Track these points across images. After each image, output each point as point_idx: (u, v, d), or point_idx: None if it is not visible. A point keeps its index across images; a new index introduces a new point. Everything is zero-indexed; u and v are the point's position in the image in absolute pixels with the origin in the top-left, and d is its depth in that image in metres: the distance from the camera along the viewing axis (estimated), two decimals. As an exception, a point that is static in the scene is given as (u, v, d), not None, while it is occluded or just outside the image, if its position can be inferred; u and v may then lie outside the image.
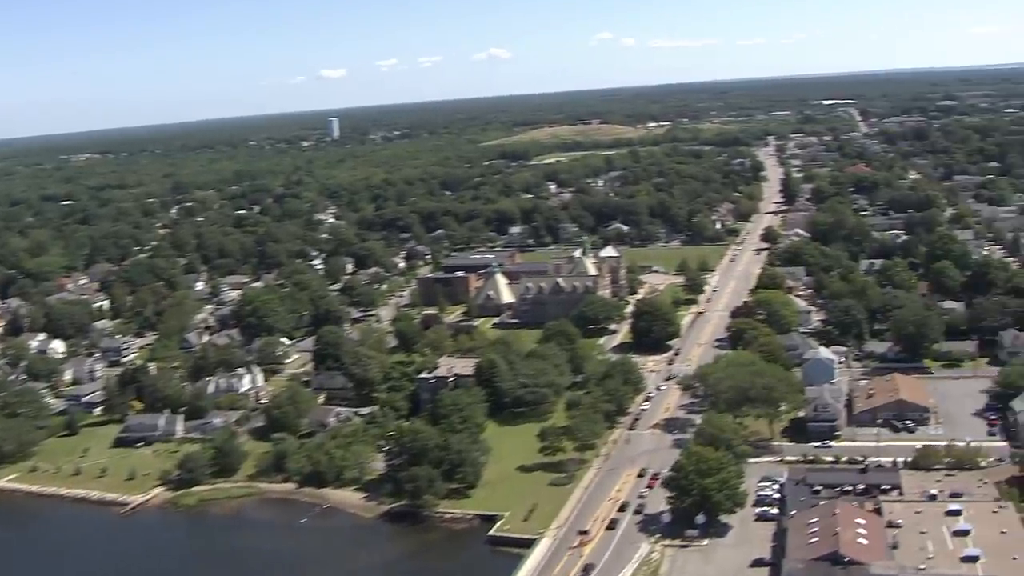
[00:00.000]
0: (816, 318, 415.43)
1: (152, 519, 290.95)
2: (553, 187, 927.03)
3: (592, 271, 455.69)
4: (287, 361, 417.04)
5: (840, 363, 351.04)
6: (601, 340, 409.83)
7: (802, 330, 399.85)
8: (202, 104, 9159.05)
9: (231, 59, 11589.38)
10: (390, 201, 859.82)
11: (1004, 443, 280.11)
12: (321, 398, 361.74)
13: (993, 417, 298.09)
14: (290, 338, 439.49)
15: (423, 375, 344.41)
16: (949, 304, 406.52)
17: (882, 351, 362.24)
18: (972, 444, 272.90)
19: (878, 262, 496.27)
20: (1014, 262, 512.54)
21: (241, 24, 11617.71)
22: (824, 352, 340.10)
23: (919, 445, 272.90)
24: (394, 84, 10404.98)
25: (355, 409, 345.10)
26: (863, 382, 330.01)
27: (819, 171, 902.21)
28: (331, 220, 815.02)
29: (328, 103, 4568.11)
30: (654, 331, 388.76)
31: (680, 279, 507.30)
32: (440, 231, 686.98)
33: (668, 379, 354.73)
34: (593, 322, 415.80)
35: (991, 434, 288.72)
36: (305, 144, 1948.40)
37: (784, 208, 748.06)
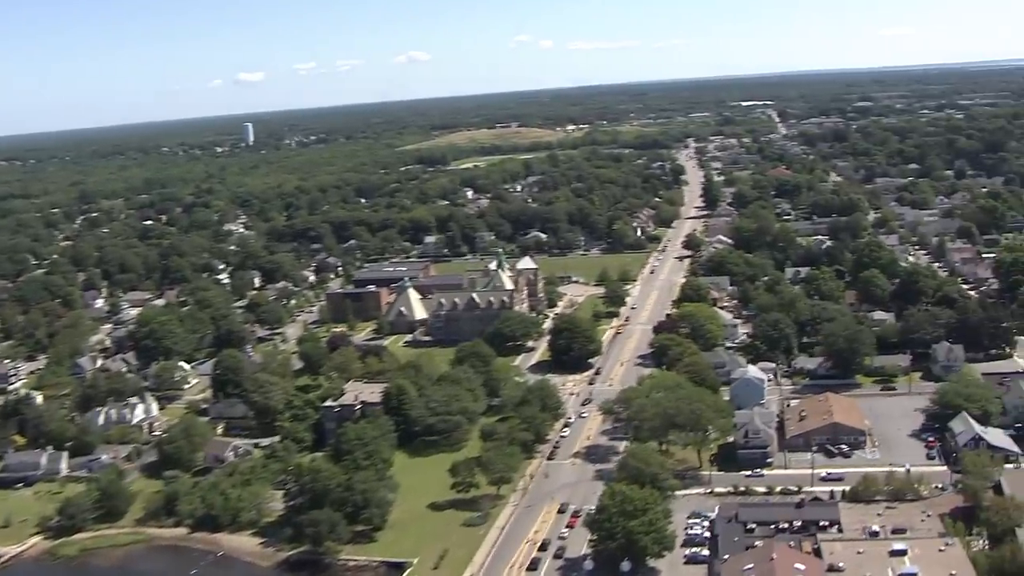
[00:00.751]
0: (743, 331, 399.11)
1: (27, 574, 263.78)
2: (470, 193, 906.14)
3: (508, 285, 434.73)
4: (186, 387, 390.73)
5: (769, 380, 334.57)
6: (518, 358, 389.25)
7: (728, 344, 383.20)
8: (117, 108, 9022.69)
9: (148, 62, 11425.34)
10: (302, 210, 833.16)
11: (944, 468, 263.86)
12: (220, 428, 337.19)
13: (931, 439, 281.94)
14: (190, 361, 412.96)
15: (328, 403, 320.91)
16: (879, 315, 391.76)
17: (812, 367, 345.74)
18: (912, 471, 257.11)
19: (804, 270, 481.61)
20: (941, 268, 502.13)
21: (159, 27, 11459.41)
22: (753, 371, 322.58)
23: (856, 472, 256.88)
24: (313, 88, 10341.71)
25: (256, 440, 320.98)
26: (794, 402, 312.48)
27: (740, 174, 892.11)
28: (241, 230, 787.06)
29: (246, 107, 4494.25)
30: (574, 349, 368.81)
31: (600, 290, 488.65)
32: (352, 242, 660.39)
33: (586, 403, 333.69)
34: (510, 339, 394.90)
35: (930, 458, 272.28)
36: (220, 150, 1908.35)
37: (706, 213, 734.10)
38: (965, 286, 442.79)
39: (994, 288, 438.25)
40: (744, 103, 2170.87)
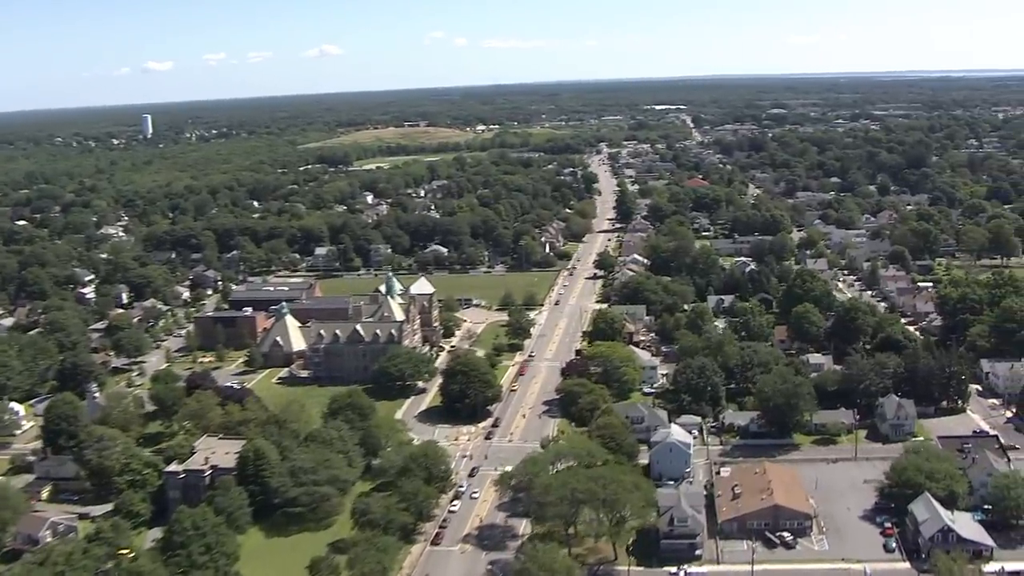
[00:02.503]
0: (662, 371, 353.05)
1: None
2: (370, 198, 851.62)
3: (398, 315, 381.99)
4: (18, 432, 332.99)
5: (694, 437, 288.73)
6: (407, 403, 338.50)
7: (647, 390, 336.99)
8: (17, 94, 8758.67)
9: (54, 47, 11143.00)
10: (188, 214, 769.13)
11: (905, 564, 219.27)
12: (46, 492, 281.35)
13: (888, 525, 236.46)
14: (29, 398, 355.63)
15: (172, 468, 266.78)
16: (815, 358, 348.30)
17: (743, 423, 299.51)
18: (869, 572, 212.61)
19: (727, 298, 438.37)
20: (874, 297, 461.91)
21: (66, 10, 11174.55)
22: (677, 432, 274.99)
23: (803, 570, 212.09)
24: (222, 79, 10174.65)
25: (87, 510, 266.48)
26: (726, 472, 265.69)
27: (656, 184, 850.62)
28: (121, 235, 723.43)
29: (153, 97, 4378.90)
30: (469, 395, 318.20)
31: (503, 316, 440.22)
32: (235, 252, 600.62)
33: (472, 474, 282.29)
34: (398, 379, 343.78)
35: (888, 549, 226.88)
36: (116, 142, 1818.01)
37: (619, 227, 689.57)
38: (904, 320, 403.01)
39: (936, 324, 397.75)
40: (657, 107, 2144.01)
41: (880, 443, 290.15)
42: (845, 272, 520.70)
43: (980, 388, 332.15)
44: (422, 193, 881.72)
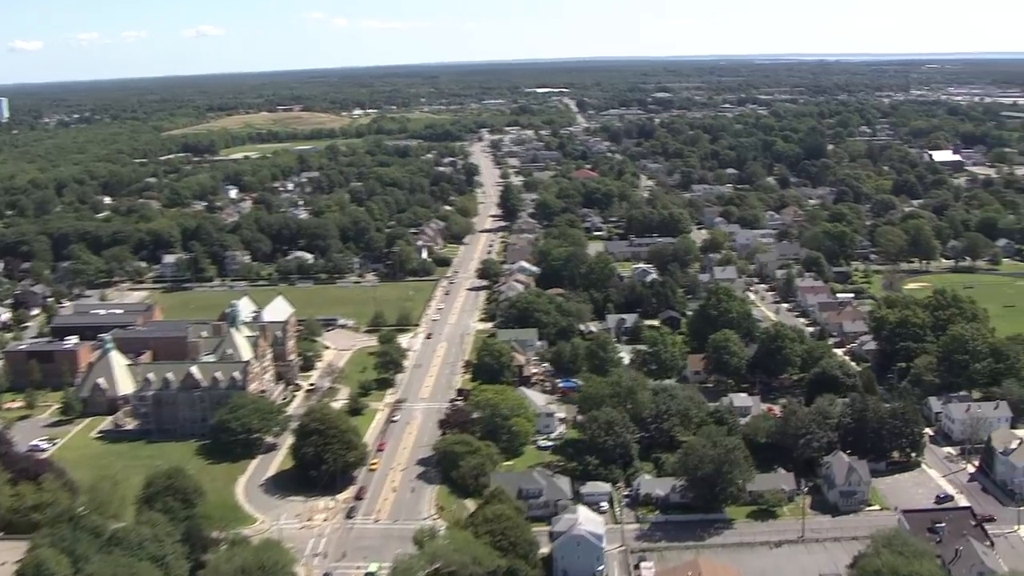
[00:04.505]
0: (560, 414, 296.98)
1: None
2: (233, 192, 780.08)
3: (244, 352, 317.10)
4: None
5: (603, 512, 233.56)
6: (252, 464, 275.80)
7: (543, 443, 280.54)
8: None
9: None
10: (28, 213, 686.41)
11: None
12: None
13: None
14: None
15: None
16: (740, 400, 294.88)
17: (664, 492, 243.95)
18: None
19: (629, 317, 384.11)
20: (791, 311, 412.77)
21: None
22: (586, 519, 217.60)
23: None
24: (96, 59, 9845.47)
25: None
26: (648, 568, 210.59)
27: (542, 176, 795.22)
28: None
29: (22, 77, 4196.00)
30: (327, 460, 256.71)
31: (373, 340, 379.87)
32: (70, 262, 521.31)
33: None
34: (242, 434, 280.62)
35: None
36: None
37: (504, 225, 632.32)
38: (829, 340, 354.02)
39: (868, 349, 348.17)
40: (540, 90, 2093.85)
41: (829, 515, 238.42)
42: (756, 280, 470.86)
43: (931, 433, 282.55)
44: (290, 187, 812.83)
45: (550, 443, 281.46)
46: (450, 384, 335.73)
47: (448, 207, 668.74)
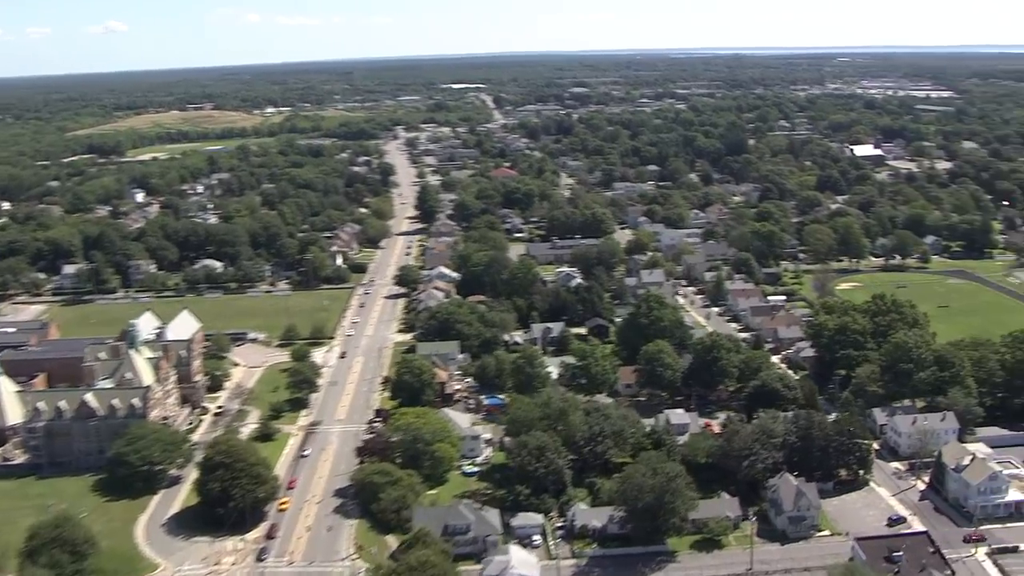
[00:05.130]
0: (486, 435, 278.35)
1: None
2: (140, 196, 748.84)
3: (145, 376, 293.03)
4: None
5: (535, 547, 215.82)
6: (154, 501, 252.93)
7: (468, 469, 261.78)
8: None
9: None
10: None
11: None
12: None
13: None
14: None
15: None
16: (677, 417, 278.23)
17: (601, 523, 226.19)
18: None
19: (555, 326, 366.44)
20: (722, 316, 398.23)
21: None
22: (519, 562, 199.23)
23: None
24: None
25: None
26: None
27: (459, 175, 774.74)
28: None
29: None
30: (234, 496, 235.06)
31: (286, 355, 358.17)
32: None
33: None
34: (142, 467, 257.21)
35: None
36: None
37: (421, 227, 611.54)
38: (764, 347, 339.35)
39: (805, 356, 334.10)
40: (455, 85, 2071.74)
41: (778, 543, 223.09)
42: (684, 283, 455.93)
43: (876, 447, 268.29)
44: (200, 189, 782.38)
45: (476, 468, 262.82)
46: (368, 403, 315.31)
47: (363, 209, 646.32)
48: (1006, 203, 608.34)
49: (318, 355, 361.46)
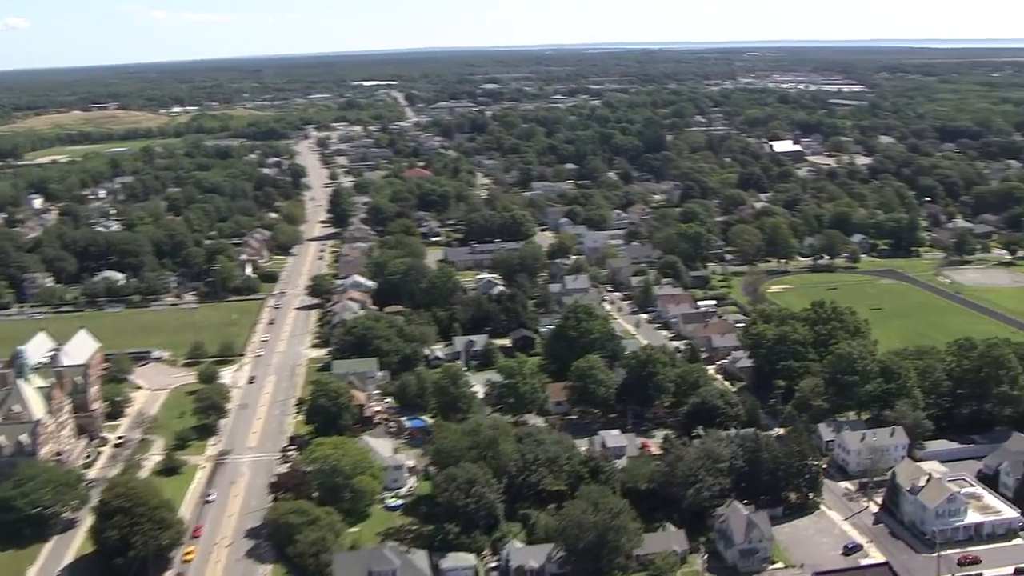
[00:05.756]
0: (410, 463, 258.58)
1: None
2: (38, 202, 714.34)
3: (35, 408, 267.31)
4: None
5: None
6: (45, 549, 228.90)
7: (391, 502, 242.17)
8: None
9: None
10: None
11: None
12: None
13: None
14: None
15: None
16: (614, 439, 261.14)
17: (538, 563, 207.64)
18: None
19: (479, 339, 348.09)
20: (651, 323, 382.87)
21: None
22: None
23: None
24: None
25: None
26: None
27: (373, 176, 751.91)
28: None
29: None
30: (135, 544, 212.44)
31: (192, 377, 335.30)
32: None
33: None
34: (32, 512, 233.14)
35: None
36: None
37: (334, 232, 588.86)
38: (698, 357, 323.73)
39: (742, 366, 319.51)
40: (366, 83, 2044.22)
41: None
42: (610, 288, 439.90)
43: (823, 465, 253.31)
44: (102, 194, 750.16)
45: (400, 501, 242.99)
46: (281, 428, 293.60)
47: (274, 214, 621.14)
48: (928, 199, 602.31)
49: (227, 374, 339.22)
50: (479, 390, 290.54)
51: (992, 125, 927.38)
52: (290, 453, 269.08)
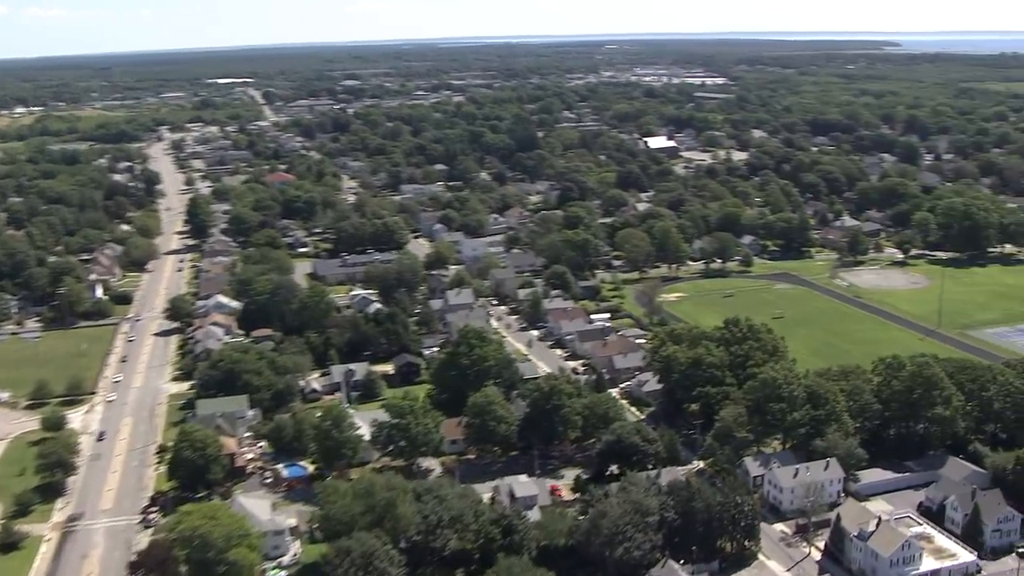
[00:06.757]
0: (291, 522, 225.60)
1: None
2: None
3: None
4: None
5: None
6: None
7: (274, 572, 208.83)
8: None
9: None
10: None
11: None
12: None
13: None
14: None
15: None
16: (523, 487, 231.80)
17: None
18: None
19: (358, 368, 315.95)
20: (547, 343, 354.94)
21: None
22: None
23: None
24: None
25: None
26: None
27: (232, 182, 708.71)
28: None
29: None
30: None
31: (36, 422, 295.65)
32: None
33: None
34: None
35: None
36: None
37: (193, 244, 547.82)
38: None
39: (649, 390, 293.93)
40: (222, 80, 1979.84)
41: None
42: (494, 302, 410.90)
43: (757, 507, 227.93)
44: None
45: (284, 573, 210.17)
46: (141, 483, 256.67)
47: (126, 226, 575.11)
48: (810, 196, 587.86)
49: (77, 417, 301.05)
50: (364, 431, 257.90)
51: (860, 118, 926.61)
52: (152, 516, 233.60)
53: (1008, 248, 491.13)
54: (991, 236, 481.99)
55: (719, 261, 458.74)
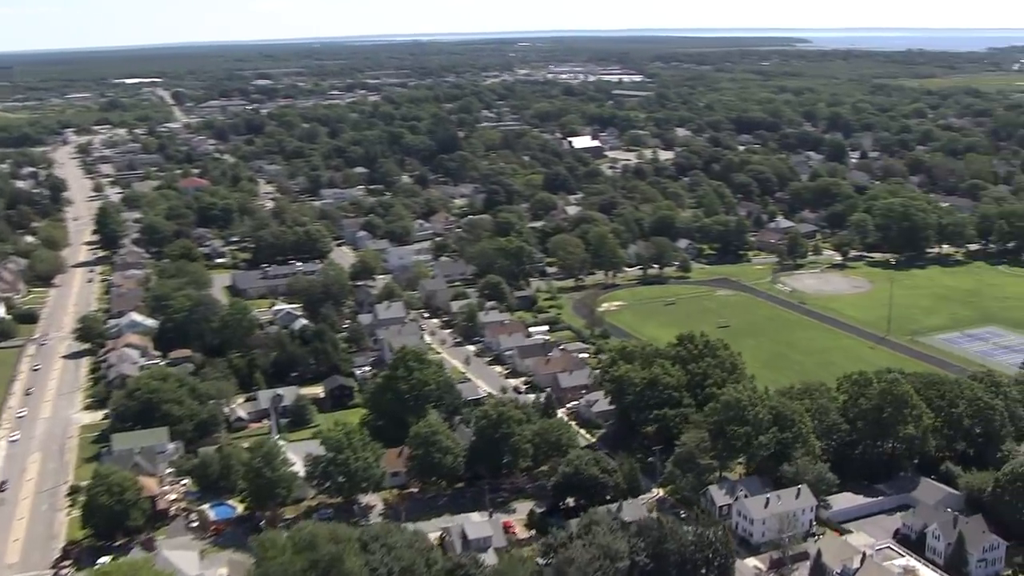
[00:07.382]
0: (222, 572, 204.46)
1: None
2: None
3: None
4: None
5: None
6: None
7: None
8: None
9: None
10: None
11: None
12: None
13: None
14: None
15: None
16: (475, 527, 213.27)
17: None
18: None
19: (286, 392, 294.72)
20: (486, 359, 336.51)
21: None
22: None
23: None
24: None
25: None
26: None
27: (143, 188, 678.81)
28: None
29: None
30: None
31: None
32: None
33: None
34: None
35: None
36: None
37: (103, 256, 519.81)
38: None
39: (599, 411, 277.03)
40: (129, 80, 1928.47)
41: None
42: (426, 315, 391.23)
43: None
44: None
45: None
46: (51, 530, 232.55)
47: (31, 237, 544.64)
48: (741, 196, 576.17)
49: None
50: (299, 467, 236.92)
51: (783, 116, 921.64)
52: (65, 571, 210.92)
53: (945, 248, 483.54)
54: (929, 237, 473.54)
55: (656, 267, 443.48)
